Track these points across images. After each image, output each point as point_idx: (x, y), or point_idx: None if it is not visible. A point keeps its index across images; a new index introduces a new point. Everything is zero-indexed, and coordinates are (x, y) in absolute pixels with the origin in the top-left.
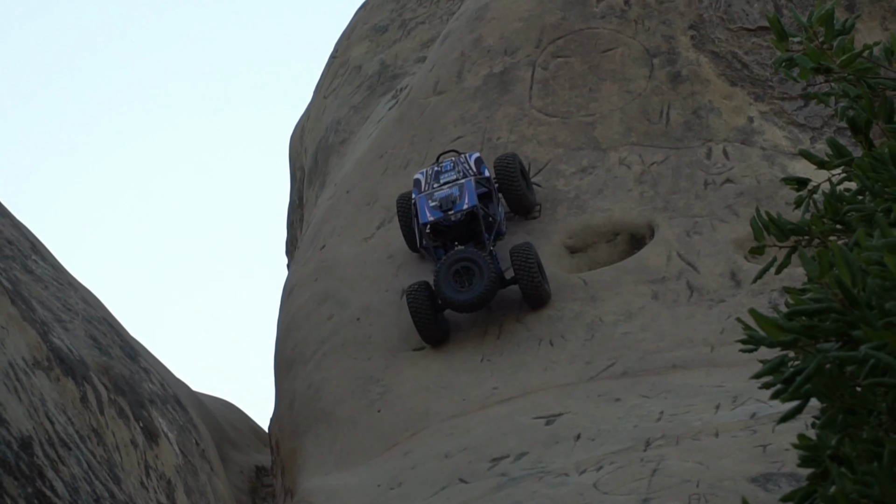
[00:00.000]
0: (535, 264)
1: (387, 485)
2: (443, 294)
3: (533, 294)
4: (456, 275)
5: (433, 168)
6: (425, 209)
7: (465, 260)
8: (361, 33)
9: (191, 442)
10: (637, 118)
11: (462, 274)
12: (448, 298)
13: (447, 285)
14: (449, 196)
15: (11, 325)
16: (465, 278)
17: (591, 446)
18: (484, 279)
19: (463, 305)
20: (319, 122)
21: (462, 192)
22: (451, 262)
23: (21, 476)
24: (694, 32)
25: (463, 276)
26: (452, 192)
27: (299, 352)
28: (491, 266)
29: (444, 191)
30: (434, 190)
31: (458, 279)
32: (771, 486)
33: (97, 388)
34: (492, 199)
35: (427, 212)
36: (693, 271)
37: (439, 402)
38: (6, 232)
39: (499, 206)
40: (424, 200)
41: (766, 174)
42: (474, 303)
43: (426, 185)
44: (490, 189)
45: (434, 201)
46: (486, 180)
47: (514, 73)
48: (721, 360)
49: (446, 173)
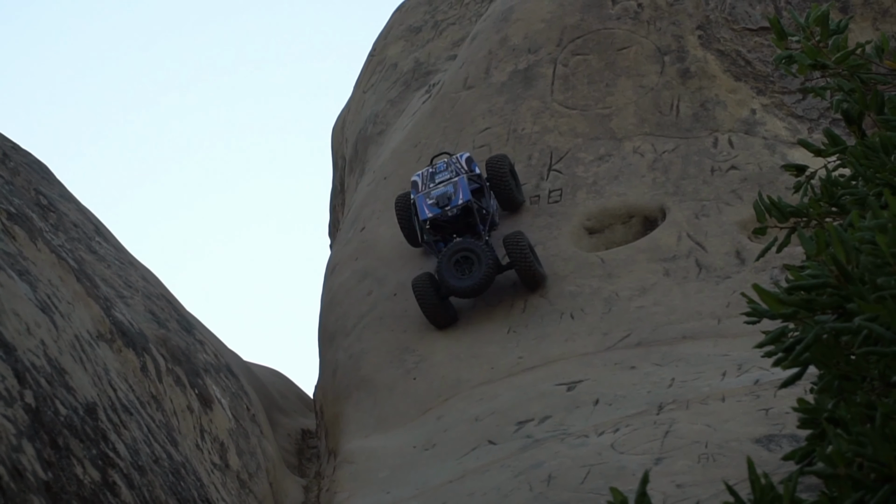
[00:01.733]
0: (527, 250)
1: (421, 446)
2: (446, 282)
3: (528, 277)
4: (457, 264)
5: (428, 170)
6: (424, 207)
7: (464, 250)
8: (397, 33)
9: (242, 407)
10: (650, 110)
11: (462, 263)
12: (451, 286)
13: (449, 274)
14: (445, 193)
15: (77, 300)
16: (465, 266)
17: (608, 410)
18: (482, 266)
19: (465, 291)
20: (359, 115)
21: (456, 189)
22: (452, 252)
23: (86, 439)
24: (701, 32)
25: (463, 264)
26: (448, 190)
27: (341, 325)
28: (488, 254)
29: (440, 189)
30: (430, 189)
31: (459, 268)
32: (773, 446)
33: (156, 358)
34: (484, 194)
35: (426, 209)
36: (701, 250)
37: (469, 370)
38: (72, 216)
39: (491, 200)
40: (423, 199)
41: (768, 161)
42: (475, 288)
43: (423, 185)
44: (481, 185)
45: (431, 199)
46: (478, 177)
47: (537, 69)
48: (727, 332)
49: (440, 173)
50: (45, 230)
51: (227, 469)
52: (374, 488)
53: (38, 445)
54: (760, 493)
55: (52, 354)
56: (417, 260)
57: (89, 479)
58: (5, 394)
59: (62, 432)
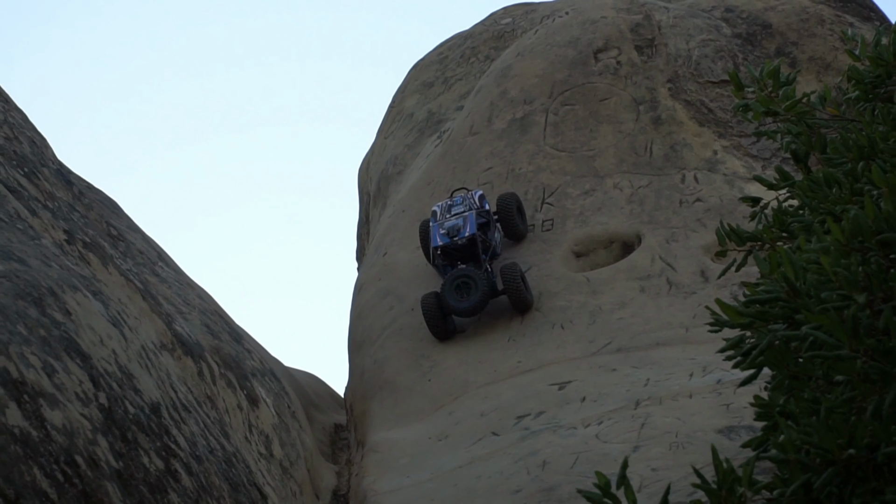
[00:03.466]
0: (519, 279)
1: (436, 437)
2: (447, 303)
3: (517, 302)
4: (457, 288)
5: (447, 202)
6: (437, 236)
7: (464, 276)
8: (413, 88)
9: (283, 405)
10: (627, 152)
11: (462, 287)
12: (451, 306)
13: (451, 296)
14: (455, 226)
15: (143, 316)
16: (465, 291)
17: (593, 406)
18: (479, 291)
19: (463, 312)
20: (381, 158)
21: (465, 223)
22: (454, 277)
23: (152, 433)
24: (671, 85)
25: (462, 289)
26: (458, 223)
27: (367, 335)
28: (484, 281)
29: (452, 221)
30: (445, 220)
31: (459, 291)
32: (733, 435)
33: (210, 364)
34: (490, 228)
35: (437, 238)
36: (671, 270)
37: (476, 373)
38: (138, 244)
39: (496, 233)
40: (437, 229)
41: (728, 194)
42: (471, 310)
43: (441, 215)
44: (488, 219)
45: (444, 230)
46: (486, 212)
47: (532, 118)
48: (694, 339)
49: (456, 206)
50: (116, 257)
51: (271, 458)
52: (396, 473)
53: (110, 439)
54: (723, 475)
55: (122, 362)
56: (432, 280)
57: (154, 467)
58: (82, 395)
59: (131, 428)
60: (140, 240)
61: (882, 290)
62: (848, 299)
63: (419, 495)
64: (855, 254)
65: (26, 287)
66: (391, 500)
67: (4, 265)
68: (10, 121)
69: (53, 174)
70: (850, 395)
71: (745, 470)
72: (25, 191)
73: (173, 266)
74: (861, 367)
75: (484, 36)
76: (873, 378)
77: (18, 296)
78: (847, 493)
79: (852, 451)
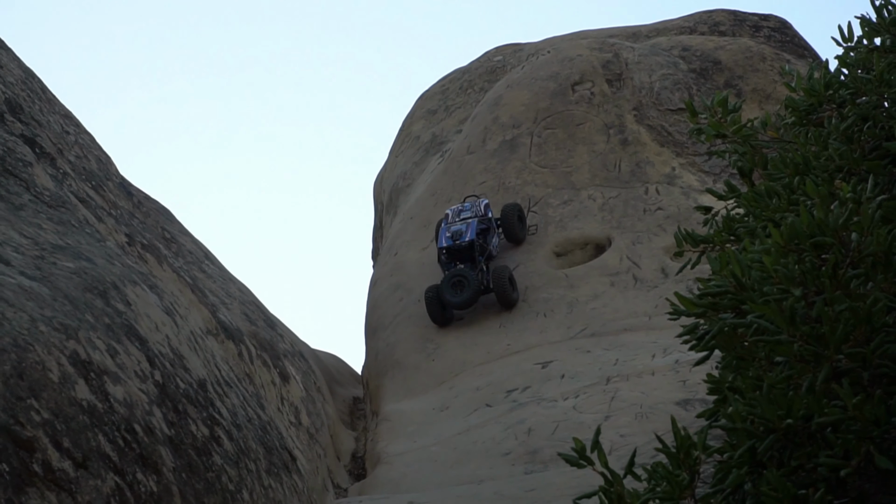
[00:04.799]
0: (506, 281)
1: (438, 408)
2: (444, 297)
3: (503, 300)
4: (453, 285)
5: (458, 207)
6: (443, 238)
7: (459, 275)
8: (419, 115)
9: (310, 381)
10: (599, 168)
11: (457, 284)
12: (446, 300)
13: (447, 291)
14: (458, 231)
15: (192, 306)
16: (458, 287)
17: (571, 382)
18: (470, 289)
19: (456, 305)
20: (392, 173)
21: (468, 229)
22: (451, 276)
23: (199, 405)
24: (636, 112)
25: (457, 286)
26: (461, 228)
27: (380, 322)
28: (475, 280)
29: (457, 226)
30: (452, 224)
31: (454, 288)
32: (689, 407)
33: (249, 347)
34: (489, 233)
35: (443, 239)
36: (637, 268)
37: (472, 354)
38: (188, 246)
39: (495, 238)
40: (444, 231)
41: (684, 204)
42: (463, 304)
43: (452, 217)
44: (489, 226)
45: (449, 233)
46: (489, 219)
47: (519, 139)
48: (655, 326)
49: (465, 211)
50: (169, 256)
51: (299, 426)
52: (405, 438)
53: (164, 410)
54: (681, 441)
55: (174, 345)
56: (435, 276)
57: (201, 434)
58: (140, 373)
59: (181, 400)
60: (189, 242)
61: (815, 284)
62: (786, 293)
63: (424, 457)
64: (792, 254)
65: (93, 282)
66: (401, 461)
67: (75, 263)
68: (80, 142)
69: (116, 186)
70: (788, 374)
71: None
72: (93, 201)
73: (217, 264)
74: (797, 350)
75: (479, 71)
76: (808, 359)
77: (87, 289)
78: (786, 457)
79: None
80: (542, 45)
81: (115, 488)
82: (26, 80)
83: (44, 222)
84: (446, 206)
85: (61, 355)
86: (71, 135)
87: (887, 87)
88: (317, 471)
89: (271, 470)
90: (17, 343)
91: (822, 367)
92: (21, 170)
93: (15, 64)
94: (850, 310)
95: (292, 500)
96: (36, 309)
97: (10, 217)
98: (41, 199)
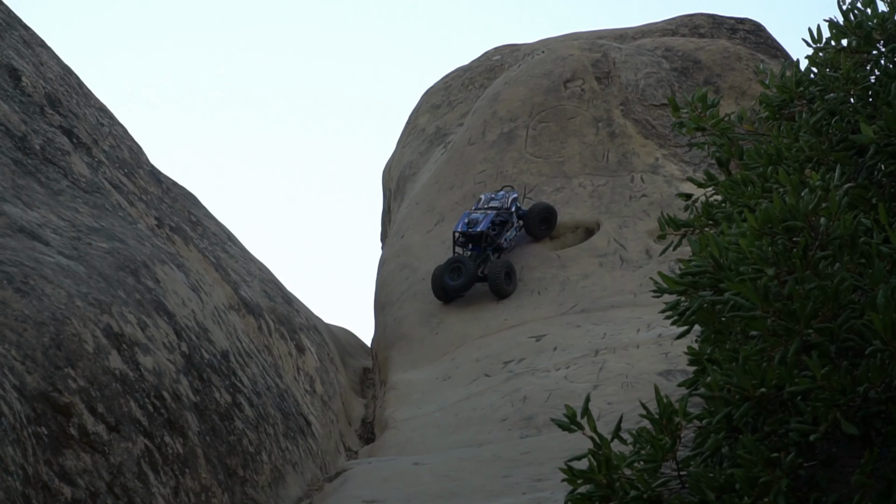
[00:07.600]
0: (501, 274)
1: (441, 378)
2: (443, 280)
3: (495, 289)
4: (452, 270)
5: (490, 194)
6: (461, 221)
7: (458, 262)
8: (425, 109)
9: (324, 353)
10: (589, 158)
11: (455, 270)
12: (445, 283)
13: (446, 274)
14: (475, 219)
15: (216, 284)
16: (456, 272)
17: (563, 354)
18: (465, 276)
19: (453, 288)
20: (400, 163)
21: (483, 219)
22: (451, 261)
23: (222, 374)
24: (623, 107)
25: (455, 271)
26: (478, 217)
27: (388, 299)
28: (472, 268)
29: (476, 214)
30: (475, 211)
31: (452, 272)
32: (671, 377)
33: (268, 321)
34: (506, 226)
35: (460, 223)
36: (623, 249)
37: (472, 328)
38: (212, 228)
39: (512, 232)
40: (465, 216)
41: (667, 192)
42: (457, 288)
43: (481, 204)
44: (507, 219)
45: (468, 219)
46: (510, 213)
47: (516, 132)
48: (640, 303)
49: (495, 200)
50: (195, 238)
51: (314, 394)
52: (410, 405)
53: (190, 378)
54: (663, 408)
55: (199, 319)
56: (438, 257)
57: (224, 400)
58: (168, 345)
59: (206, 370)
60: (213, 224)
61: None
62: (760, 272)
63: (428, 423)
64: (766, 237)
65: (125, 261)
66: (407, 427)
67: (109, 244)
68: (113, 133)
69: (147, 174)
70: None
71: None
72: (125, 187)
73: (239, 245)
74: (770, 325)
75: (479, 69)
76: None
77: (119, 268)
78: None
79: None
80: (536, 45)
81: (144, 450)
82: (64, 77)
83: (80, 206)
84: (449, 193)
85: (96, 328)
86: (105, 126)
87: (853, 84)
88: (330, 435)
89: (288, 434)
90: (56, 317)
91: (793, 340)
92: (59, 158)
93: (55, 62)
94: (818, 288)
95: (307, 461)
96: (73, 286)
97: (50, 202)
98: (78, 185)
